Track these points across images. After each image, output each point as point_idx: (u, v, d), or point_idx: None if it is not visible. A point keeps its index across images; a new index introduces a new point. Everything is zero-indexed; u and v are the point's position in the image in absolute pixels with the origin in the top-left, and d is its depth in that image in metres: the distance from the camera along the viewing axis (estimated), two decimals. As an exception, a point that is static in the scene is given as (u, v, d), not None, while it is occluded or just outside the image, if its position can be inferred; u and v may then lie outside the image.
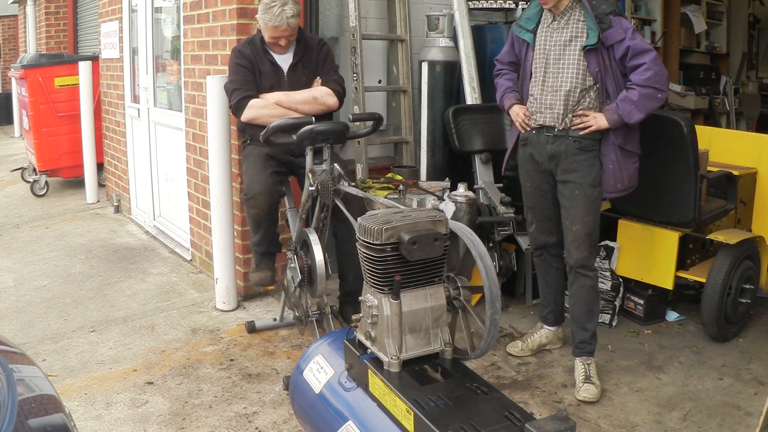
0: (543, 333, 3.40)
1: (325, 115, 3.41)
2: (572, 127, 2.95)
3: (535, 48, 3.04)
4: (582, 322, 3.08)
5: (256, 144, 3.35)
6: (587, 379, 3.00)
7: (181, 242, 5.03)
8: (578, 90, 2.93)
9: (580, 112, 2.94)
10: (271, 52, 3.38)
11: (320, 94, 3.34)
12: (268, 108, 3.26)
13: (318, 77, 3.42)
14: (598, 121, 2.89)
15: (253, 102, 3.25)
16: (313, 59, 3.43)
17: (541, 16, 3.05)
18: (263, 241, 3.45)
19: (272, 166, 3.32)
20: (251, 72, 3.31)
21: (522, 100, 3.15)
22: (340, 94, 3.40)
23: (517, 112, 3.13)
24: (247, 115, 3.26)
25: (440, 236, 1.85)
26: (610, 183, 2.96)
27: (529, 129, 3.09)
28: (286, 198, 3.49)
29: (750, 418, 2.82)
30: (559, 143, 2.99)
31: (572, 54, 2.92)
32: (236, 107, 3.29)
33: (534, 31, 3.05)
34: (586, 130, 2.92)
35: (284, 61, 3.39)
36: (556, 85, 2.96)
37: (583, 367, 3.04)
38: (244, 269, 4.03)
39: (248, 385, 3.09)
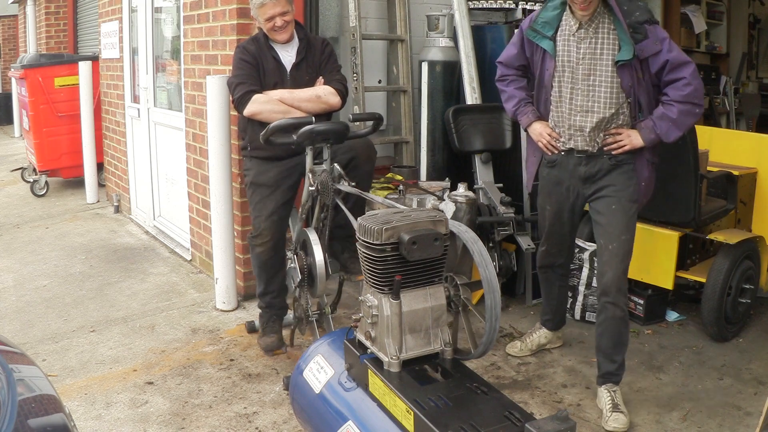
0: (542, 333, 3.38)
1: (325, 115, 3.41)
2: (605, 148, 2.74)
3: (558, 59, 2.73)
4: (610, 353, 2.84)
5: (258, 158, 3.31)
6: (615, 408, 2.77)
7: (181, 242, 5.03)
8: (612, 110, 2.68)
9: (613, 131, 2.72)
10: (276, 49, 3.38)
11: (324, 93, 3.33)
12: (271, 104, 3.24)
13: (321, 77, 3.42)
14: (633, 140, 2.69)
15: (256, 97, 3.24)
16: (317, 59, 3.43)
17: (560, 21, 2.73)
18: (269, 289, 3.34)
19: (281, 195, 3.26)
20: (255, 68, 3.30)
21: (541, 114, 2.89)
22: (343, 94, 3.39)
23: (540, 133, 2.85)
24: (250, 109, 3.24)
25: (440, 236, 1.85)
26: (642, 199, 2.82)
27: (557, 152, 2.85)
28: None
29: (750, 418, 2.82)
30: (593, 164, 2.78)
31: (604, 70, 2.65)
32: (239, 101, 3.27)
33: (553, 38, 2.73)
34: (620, 150, 2.71)
35: (287, 59, 3.39)
36: (586, 105, 2.70)
37: (609, 394, 2.82)
38: (244, 269, 4.03)
39: (248, 385, 3.09)
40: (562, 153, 2.83)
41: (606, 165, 2.76)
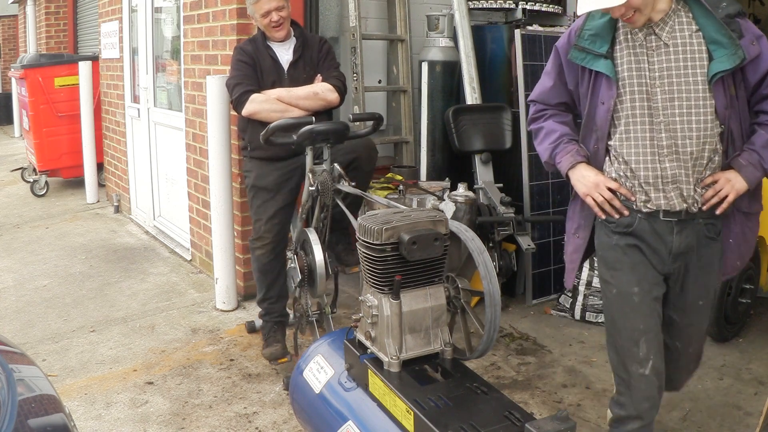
0: None
1: (326, 114, 3.41)
2: (705, 206, 1.95)
3: (622, 84, 1.95)
4: None
5: (258, 159, 3.31)
6: None
7: (181, 242, 5.03)
8: (710, 147, 1.92)
9: (709, 179, 1.94)
10: (273, 48, 3.38)
11: (321, 90, 3.33)
12: (269, 103, 3.25)
13: (318, 74, 3.42)
14: (735, 184, 1.92)
15: (254, 97, 3.25)
16: (314, 57, 3.44)
17: (616, 30, 1.97)
18: (269, 295, 3.29)
19: (282, 199, 3.25)
20: (253, 68, 3.31)
21: (590, 157, 2.07)
22: (341, 90, 3.39)
23: (596, 184, 2.00)
24: (248, 109, 3.25)
25: (440, 236, 1.85)
26: (731, 263, 2.06)
27: (617, 216, 2.02)
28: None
29: (750, 418, 2.82)
30: (688, 232, 1.97)
31: (692, 89, 1.89)
32: (237, 102, 3.28)
33: (610, 55, 1.96)
34: (724, 204, 1.94)
35: (285, 58, 3.40)
36: (676, 144, 1.91)
37: None
38: (244, 269, 4.04)
39: (248, 385, 3.09)
40: (640, 216, 2.00)
41: (703, 235, 1.99)
